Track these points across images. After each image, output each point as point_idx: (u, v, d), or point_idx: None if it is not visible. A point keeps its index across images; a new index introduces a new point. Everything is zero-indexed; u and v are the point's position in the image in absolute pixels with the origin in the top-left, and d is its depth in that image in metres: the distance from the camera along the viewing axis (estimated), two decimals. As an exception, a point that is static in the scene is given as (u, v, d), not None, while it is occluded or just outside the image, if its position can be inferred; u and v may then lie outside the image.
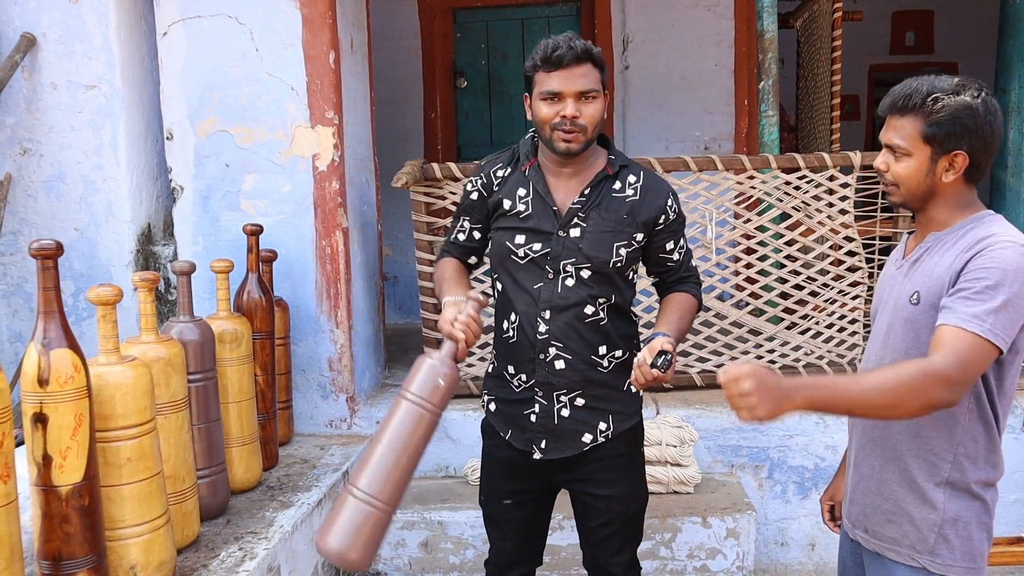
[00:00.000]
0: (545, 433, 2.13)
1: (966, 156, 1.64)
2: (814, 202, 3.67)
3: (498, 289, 2.18)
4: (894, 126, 1.69)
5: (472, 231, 2.23)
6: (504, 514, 2.28)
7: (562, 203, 2.08)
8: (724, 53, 5.41)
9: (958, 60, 8.57)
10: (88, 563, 1.87)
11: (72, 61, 3.35)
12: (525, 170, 2.11)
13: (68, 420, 1.81)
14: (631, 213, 2.08)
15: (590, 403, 2.13)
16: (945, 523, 1.69)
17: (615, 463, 2.18)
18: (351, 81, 3.51)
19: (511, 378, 2.16)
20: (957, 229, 1.69)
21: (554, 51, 1.96)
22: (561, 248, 2.05)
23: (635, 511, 2.26)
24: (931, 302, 1.65)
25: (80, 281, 3.41)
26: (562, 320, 2.06)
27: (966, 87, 1.63)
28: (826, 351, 3.75)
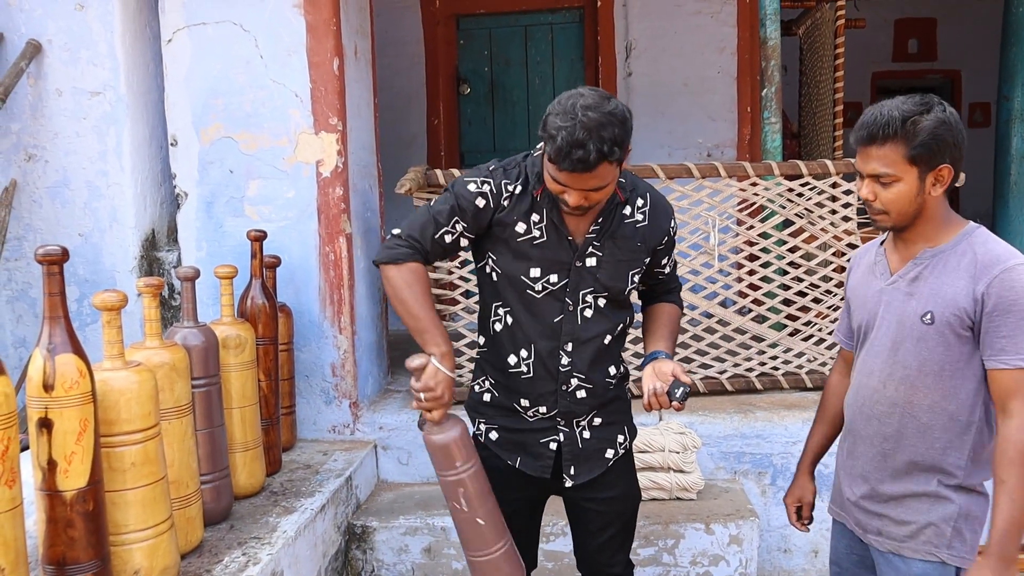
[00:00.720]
0: (572, 460, 2.13)
1: (950, 167, 1.72)
2: (817, 209, 3.68)
3: (506, 323, 2.07)
4: (875, 155, 1.74)
5: (461, 237, 2.05)
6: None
7: (576, 232, 2.01)
8: (727, 60, 5.43)
9: (960, 68, 8.59)
10: (92, 568, 1.87)
11: (77, 68, 3.36)
12: (537, 195, 1.99)
13: (73, 425, 1.81)
14: (643, 240, 2.07)
15: (607, 420, 2.15)
16: (960, 517, 1.79)
17: (616, 465, 2.20)
18: (355, 88, 3.52)
19: (525, 410, 2.12)
20: (952, 245, 1.76)
21: (563, 159, 1.79)
22: (579, 278, 2.02)
23: (633, 510, 2.28)
24: (947, 322, 1.73)
25: (84, 287, 3.42)
26: (584, 351, 2.06)
27: (931, 104, 1.72)
28: (829, 358, 3.75)
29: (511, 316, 2.07)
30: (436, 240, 2.05)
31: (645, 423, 3.43)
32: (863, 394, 1.91)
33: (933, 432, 1.78)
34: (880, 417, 1.86)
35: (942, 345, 1.74)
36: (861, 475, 1.92)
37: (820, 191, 3.66)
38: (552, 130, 1.80)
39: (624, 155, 1.86)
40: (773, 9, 3.98)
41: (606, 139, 1.78)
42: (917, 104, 1.72)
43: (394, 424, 3.52)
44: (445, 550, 3.12)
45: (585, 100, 1.80)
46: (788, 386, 3.74)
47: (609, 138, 1.78)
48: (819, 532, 3.39)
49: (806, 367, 3.77)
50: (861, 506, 1.92)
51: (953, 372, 1.75)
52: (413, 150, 5.69)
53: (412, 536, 3.13)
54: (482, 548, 2.04)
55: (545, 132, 1.83)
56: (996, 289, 1.68)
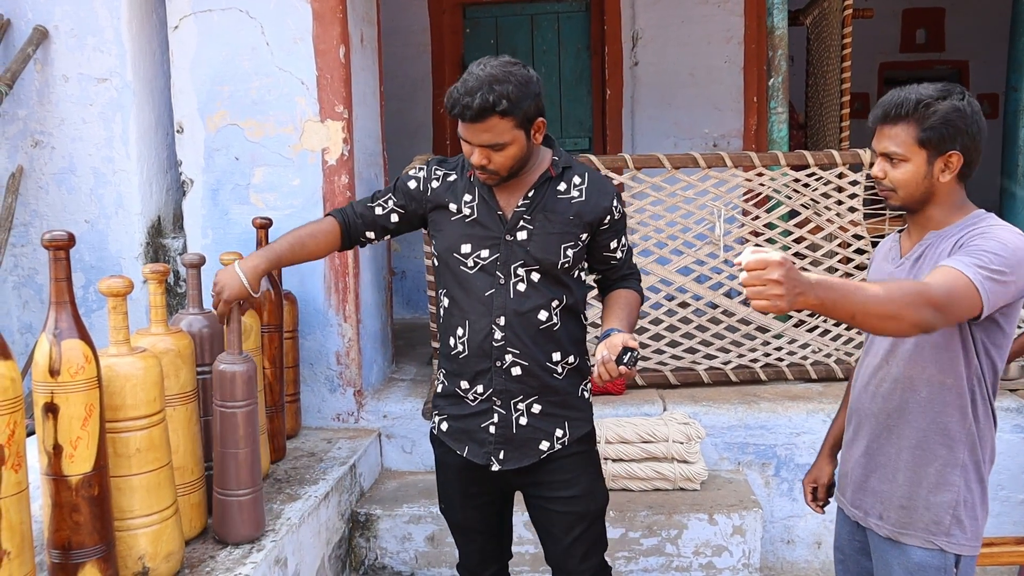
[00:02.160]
0: (504, 443, 2.12)
1: (960, 155, 1.75)
2: (823, 199, 3.67)
3: (443, 306, 2.14)
4: (888, 135, 1.79)
5: (392, 212, 2.20)
6: (466, 520, 2.29)
7: (507, 206, 2.07)
8: (734, 50, 5.40)
9: (969, 59, 8.54)
10: (97, 552, 1.88)
11: (84, 54, 3.36)
12: (471, 176, 2.09)
13: (79, 410, 1.82)
14: (577, 214, 2.08)
15: (547, 409, 2.12)
16: (959, 504, 1.80)
17: (570, 462, 2.16)
18: (361, 76, 3.51)
19: (466, 393, 2.13)
20: (956, 227, 1.79)
21: (453, 107, 1.92)
22: (510, 252, 2.05)
23: (596, 511, 2.22)
24: None
25: (90, 273, 3.43)
26: (518, 325, 2.05)
27: (951, 92, 1.75)
28: (834, 349, 3.75)
29: (448, 297, 2.13)
30: (367, 207, 2.23)
31: (649, 414, 3.43)
32: (867, 372, 1.94)
33: (934, 406, 1.80)
34: (884, 395, 1.88)
35: None
36: (864, 454, 1.94)
37: (826, 181, 3.64)
38: (448, 94, 1.94)
39: (522, 116, 1.94)
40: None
41: (496, 91, 1.88)
42: (936, 90, 1.75)
43: (398, 412, 3.52)
44: (448, 538, 3.12)
45: (491, 61, 1.96)
46: (793, 377, 3.74)
47: (500, 91, 1.88)
48: (822, 524, 3.39)
49: (811, 358, 3.76)
50: (862, 488, 1.94)
51: (947, 344, 1.77)
52: (419, 139, 5.69)
53: (415, 524, 3.14)
54: (234, 487, 2.27)
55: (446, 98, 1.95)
56: (968, 234, 1.72)
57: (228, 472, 2.29)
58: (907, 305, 1.56)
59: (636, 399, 3.51)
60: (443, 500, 2.33)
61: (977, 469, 1.82)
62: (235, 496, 2.31)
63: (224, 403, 2.26)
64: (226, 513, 2.33)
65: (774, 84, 4.00)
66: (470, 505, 2.25)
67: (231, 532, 2.35)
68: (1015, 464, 3.31)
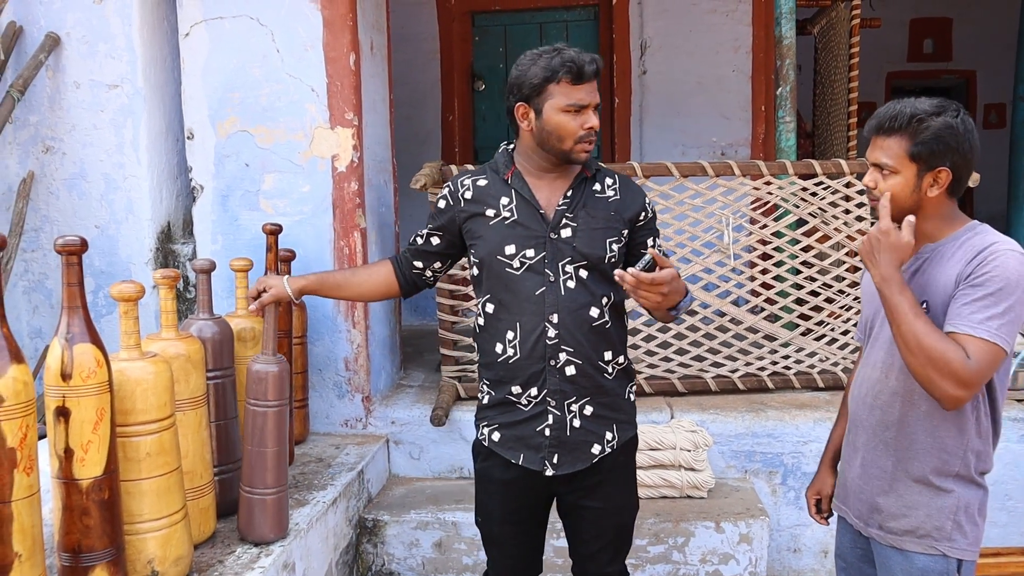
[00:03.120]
0: (558, 447, 2.10)
1: (949, 172, 1.76)
2: (830, 208, 3.67)
3: (489, 312, 2.12)
4: (881, 146, 1.81)
5: (430, 236, 2.24)
6: (503, 535, 2.24)
7: (547, 205, 2.09)
8: (741, 59, 5.41)
9: (976, 69, 8.54)
10: (107, 556, 1.89)
11: (95, 61, 3.39)
12: (507, 179, 2.11)
13: (90, 414, 1.83)
14: (616, 210, 2.12)
15: (598, 411, 2.11)
16: (959, 510, 1.82)
17: (614, 475, 2.17)
18: (371, 83, 3.53)
19: (518, 398, 2.11)
20: (953, 239, 1.81)
21: (582, 64, 1.99)
22: (556, 250, 2.06)
23: (629, 522, 2.24)
24: (941, 310, 1.77)
25: (100, 278, 3.45)
26: (571, 322, 2.05)
27: (946, 108, 1.76)
28: (841, 358, 3.74)
29: (494, 303, 2.11)
30: (411, 243, 2.31)
31: (656, 421, 3.43)
32: (866, 385, 1.95)
33: (932, 420, 1.81)
34: (883, 407, 1.89)
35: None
36: (862, 465, 1.95)
37: (834, 191, 3.65)
38: (555, 61, 1.99)
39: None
40: (789, 8, 3.97)
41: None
42: (932, 105, 1.76)
43: (406, 419, 3.53)
44: (456, 545, 3.13)
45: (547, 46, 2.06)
46: (800, 386, 3.73)
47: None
48: (829, 533, 3.38)
49: (818, 367, 3.76)
50: (863, 498, 1.95)
51: None
52: (428, 146, 5.70)
53: (423, 530, 3.14)
54: (260, 485, 2.33)
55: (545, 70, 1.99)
56: (975, 265, 1.71)
57: (255, 470, 2.33)
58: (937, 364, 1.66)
59: (644, 406, 3.51)
60: (481, 512, 2.27)
61: (976, 476, 1.83)
62: (261, 494, 2.35)
63: (256, 402, 2.32)
64: (251, 511, 2.36)
65: (782, 93, 4.01)
66: (510, 520, 2.21)
67: (254, 530, 2.38)
68: (1022, 474, 3.30)
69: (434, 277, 2.32)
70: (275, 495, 2.38)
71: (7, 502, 1.66)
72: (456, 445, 3.51)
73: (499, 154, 2.19)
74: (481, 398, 2.22)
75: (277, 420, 2.33)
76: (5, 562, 1.67)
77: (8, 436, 1.65)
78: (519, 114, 2.07)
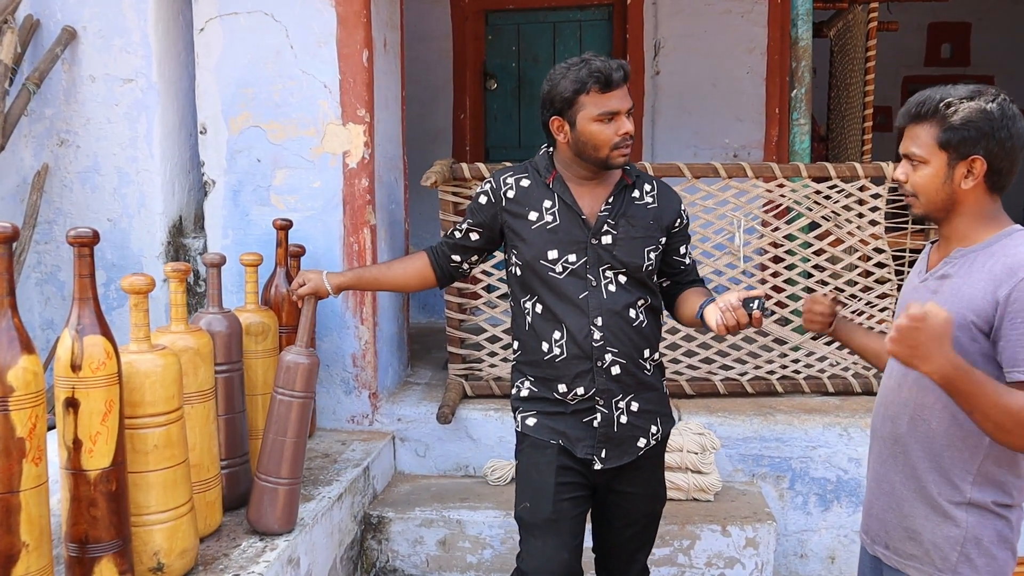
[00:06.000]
0: (606, 442, 2.16)
1: (984, 161, 1.63)
2: (844, 212, 3.65)
3: (536, 312, 2.17)
4: (910, 135, 1.70)
5: (469, 231, 2.28)
6: (558, 512, 2.13)
7: (589, 212, 2.14)
8: (756, 60, 5.38)
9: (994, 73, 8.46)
10: (114, 547, 1.90)
11: (111, 55, 3.40)
12: (549, 182, 2.16)
13: (99, 406, 1.84)
14: (656, 219, 2.17)
15: (643, 406, 2.19)
16: (967, 541, 1.67)
17: (651, 462, 2.25)
18: (383, 80, 3.53)
19: (563, 396, 2.16)
20: (984, 246, 1.67)
21: (609, 73, 2.02)
22: (596, 256, 2.11)
23: (659, 511, 2.32)
24: (961, 324, 1.63)
25: (112, 271, 3.46)
26: (614, 324, 2.11)
27: (981, 93, 1.64)
28: (851, 363, 3.72)
29: (540, 304, 2.16)
30: (448, 236, 2.36)
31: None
32: (882, 395, 1.86)
33: (941, 439, 1.69)
34: (893, 418, 1.79)
35: (955, 347, 1.60)
36: (875, 479, 1.86)
37: (848, 194, 3.62)
38: (583, 73, 2.02)
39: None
40: (806, 9, 3.95)
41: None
42: (966, 90, 1.65)
43: (412, 416, 3.53)
44: (460, 543, 3.13)
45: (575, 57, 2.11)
46: (809, 390, 3.71)
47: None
48: (836, 538, 3.37)
49: (828, 371, 3.74)
50: (873, 513, 1.86)
51: None
52: (439, 144, 5.70)
53: (427, 528, 3.15)
54: (275, 473, 2.37)
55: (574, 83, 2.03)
56: (1018, 294, 1.56)
57: (272, 458, 2.37)
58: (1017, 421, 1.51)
59: (651, 408, 3.51)
60: (529, 496, 2.19)
61: (989, 507, 1.67)
62: (274, 483, 2.37)
63: (283, 391, 2.37)
64: (262, 500, 2.39)
65: (797, 95, 3.99)
66: (563, 496, 2.15)
67: (262, 519, 2.40)
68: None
69: (471, 269, 2.39)
70: (288, 486, 2.40)
71: (15, 492, 1.67)
72: (462, 443, 3.51)
73: (540, 156, 2.22)
74: (518, 392, 2.26)
75: (301, 412, 2.38)
76: (12, 551, 1.68)
77: (17, 426, 1.66)
78: (554, 128, 2.12)
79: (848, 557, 3.36)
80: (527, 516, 2.20)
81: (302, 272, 2.39)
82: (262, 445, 2.41)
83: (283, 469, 2.37)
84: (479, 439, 3.50)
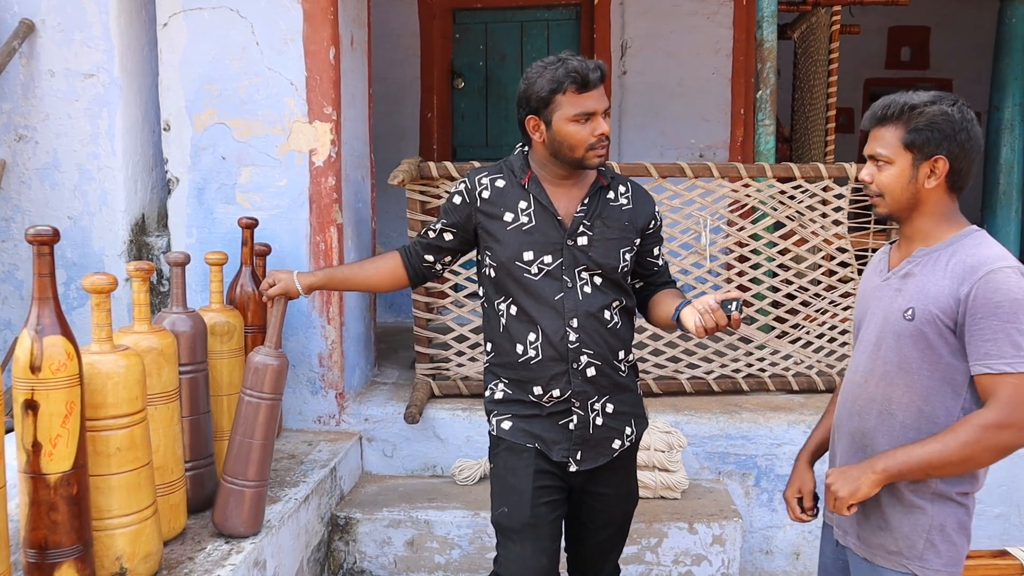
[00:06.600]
0: (581, 444, 2.15)
1: (946, 161, 1.72)
2: (808, 212, 3.69)
3: (510, 314, 2.16)
4: (876, 136, 1.78)
5: (443, 232, 2.25)
6: (536, 517, 2.13)
7: (565, 213, 2.13)
8: (722, 61, 5.43)
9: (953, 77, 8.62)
10: (74, 552, 1.86)
11: (71, 49, 3.33)
12: (525, 183, 2.14)
13: (59, 408, 1.80)
14: (630, 220, 2.17)
15: (618, 408, 2.19)
16: (933, 529, 1.76)
17: (623, 464, 2.25)
18: (350, 78, 3.51)
19: (539, 398, 2.15)
20: (946, 245, 1.75)
21: (586, 73, 2.01)
22: (572, 257, 2.11)
23: (631, 511, 2.33)
24: (927, 319, 1.72)
25: (72, 270, 3.40)
26: (590, 326, 2.11)
27: (943, 98, 1.74)
28: (815, 361, 3.77)
29: (514, 306, 2.15)
30: (422, 234, 2.32)
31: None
32: (848, 389, 1.92)
33: (908, 432, 1.76)
34: (860, 413, 1.86)
35: (921, 343, 1.73)
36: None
37: (812, 194, 3.67)
38: (559, 72, 2.00)
39: None
40: (771, 11, 3.99)
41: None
42: (928, 95, 1.74)
43: (379, 416, 3.51)
44: (428, 543, 3.12)
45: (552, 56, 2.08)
46: (774, 388, 3.76)
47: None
48: (801, 535, 3.41)
49: (793, 369, 3.78)
50: None
51: (931, 372, 1.73)
52: (405, 143, 5.67)
53: (395, 529, 3.13)
54: (241, 476, 2.35)
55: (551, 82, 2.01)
56: (980, 291, 1.66)
57: (239, 460, 2.34)
58: (979, 447, 1.66)
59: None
60: (506, 500, 2.17)
61: (955, 495, 1.77)
62: (240, 485, 2.35)
63: (251, 392, 2.34)
64: (228, 502, 2.35)
65: (762, 96, 4.03)
66: (541, 500, 2.15)
67: (228, 523, 2.36)
68: (991, 479, 3.33)
69: (444, 269, 2.36)
70: (255, 489, 2.37)
71: (-28, 496, 1.63)
72: (430, 443, 3.50)
73: (514, 156, 2.21)
74: (492, 394, 2.25)
75: (269, 413, 2.35)
76: (-31, 557, 1.64)
77: (-26, 429, 1.62)
78: (530, 127, 2.11)
79: (812, 553, 3.40)
80: (505, 521, 2.17)
81: (272, 272, 2.35)
82: (229, 447, 2.38)
83: (250, 471, 2.34)
84: (447, 439, 3.49)
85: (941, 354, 1.72)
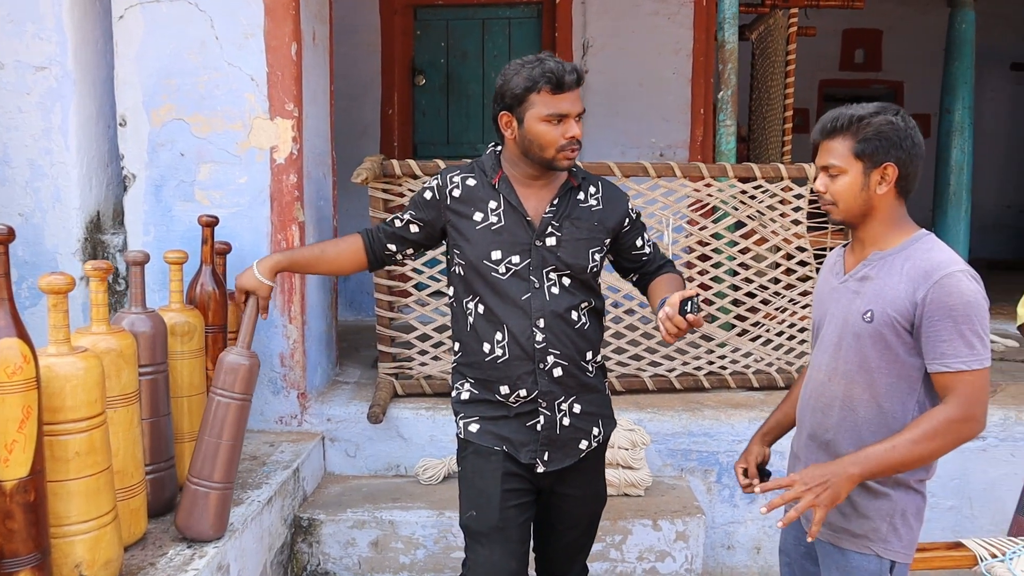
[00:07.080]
0: (548, 445, 2.15)
1: (895, 167, 1.81)
2: (768, 211, 3.74)
3: (478, 313, 2.15)
4: (827, 149, 1.87)
5: (410, 223, 2.24)
6: (504, 520, 2.12)
7: (534, 213, 2.13)
8: (682, 62, 5.48)
9: (904, 79, 8.82)
10: (32, 561, 1.81)
11: (22, 41, 3.23)
12: (495, 183, 2.14)
13: (15, 412, 1.75)
14: (600, 221, 2.17)
15: (585, 408, 2.18)
16: (895, 514, 1.86)
17: (591, 465, 2.25)
18: (312, 74, 3.46)
19: (505, 398, 2.14)
20: (900, 249, 1.85)
21: (562, 75, 2.01)
22: (540, 257, 2.11)
23: (599, 511, 2.33)
24: (885, 321, 1.82)
25: (24, 269, 3.30)
26: (556, 326, 2.11)
27: (886, 109, 1.83)
28: (775, 358, 3.82)
29: (482, 305, 2.14)
30: (387, 222, 2.30)
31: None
32: (810, 387, 2.00)
33: (869, 427, 1.86)
34: (823, 410, 1.94)
35: (880, 344, 1.82)
36: (804, 461, 1.99)
37: (772, 194, 3.72)
38: (535, 72, 2.00)
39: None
40: (732, 13, 4.03)
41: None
42: (874, 107, 1.84)
43: (342, 416, 3.48)
44: (393, 544, 3.10)
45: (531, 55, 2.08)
46: (735, 385, 3.80)
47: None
48: (762, 530, 3.45)
49: (753, 367, 3.83)
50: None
51: (889, 371, 1.83)
52: (366, 139, 5.62)
53: (359, 529, 3.10)
54: (208, 477, 2.31)
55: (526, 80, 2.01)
56: (935, 295, 1.75)
57: (206, 461, 2.30)
58: (944, 440, 1.75)
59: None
60: (475, 504, 2.16)
61: (914, 483, 1.87)
62: (206, 487, 2.31)
63: (222, 391, 2.31)
64: (194, 504, 2.31)
65: (723, 97, 4.07)
66: (509, 503, 2.14)
67: (192, 526, 2.32)
68: (944, 472, 3.42)
69: (403, 260, 2.36)
70: (220, 491, 2.33)
71: (-75, 504, 1.58)
72: (393, 443, 3.48)
73: (486, 155, 2.21)
74: (458, 394, 2.24)
75: (239, 414, 2.33)
76: (-79, 567, 1.58)
77: (-73, 435, 1.56)
78: (503, 123, 2.10)
79: (772, 547, 3.45)
80: (473, 524, 2.16)
81: (236, 281, 2.30)
82: (196, 447, 2.33)
83: (216, 473, 2.30)
84: (410, 438, 3.47)
85: (898, 353, 1.81)
